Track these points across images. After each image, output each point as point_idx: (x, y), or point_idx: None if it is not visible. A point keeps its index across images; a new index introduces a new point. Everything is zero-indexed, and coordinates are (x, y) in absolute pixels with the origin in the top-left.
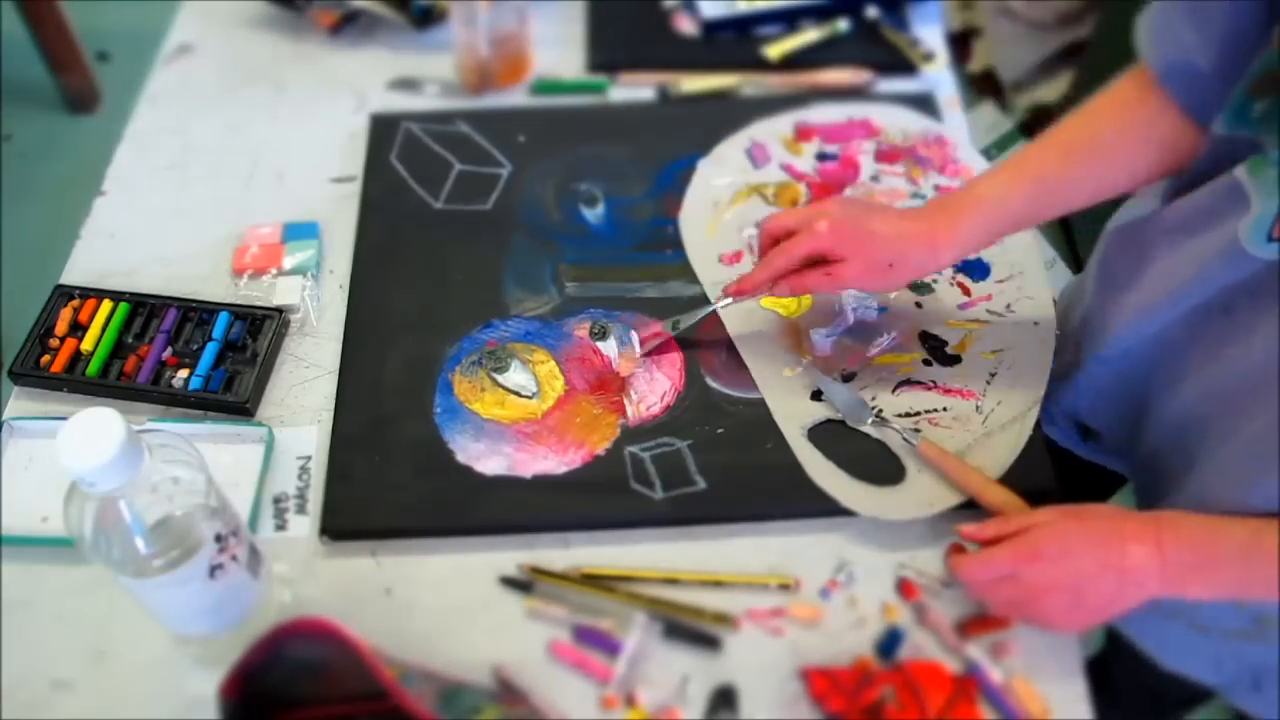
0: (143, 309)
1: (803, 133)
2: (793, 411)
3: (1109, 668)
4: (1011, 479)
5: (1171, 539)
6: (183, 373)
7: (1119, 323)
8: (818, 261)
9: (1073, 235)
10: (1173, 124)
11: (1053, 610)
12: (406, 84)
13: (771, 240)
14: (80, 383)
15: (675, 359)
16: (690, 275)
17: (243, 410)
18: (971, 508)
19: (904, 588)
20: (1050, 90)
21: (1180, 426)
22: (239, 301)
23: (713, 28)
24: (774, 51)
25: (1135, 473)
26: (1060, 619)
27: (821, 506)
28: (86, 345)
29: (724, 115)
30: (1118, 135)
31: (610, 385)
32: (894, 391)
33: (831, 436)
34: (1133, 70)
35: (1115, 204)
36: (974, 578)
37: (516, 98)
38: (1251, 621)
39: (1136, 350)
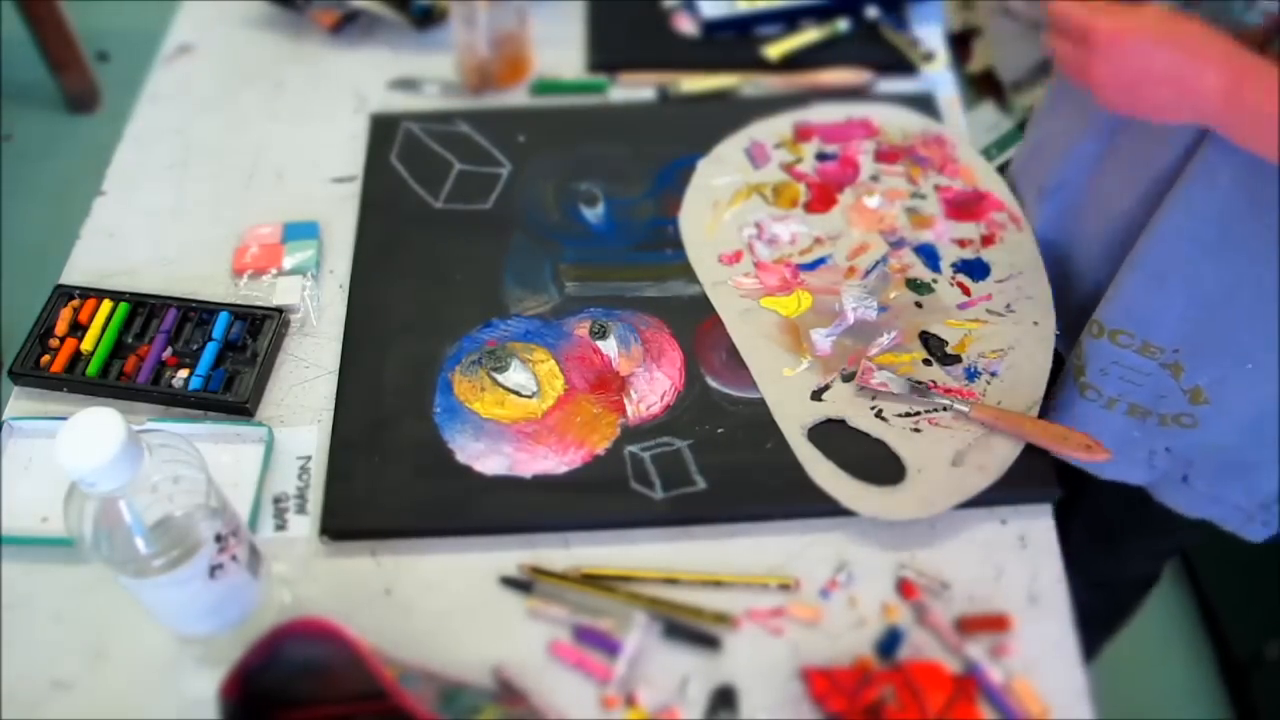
0: (143, 309)
1: (802, 133)
2: (793, 411)
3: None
4: (1011, 479)
5: (1254, 83)
6: (183, 373)
7: (1058, 155)
8: None
9: None
10: None
11: (1106, 88)
12: (406, 84)
13: None
14: (80, 383)
15: (675, 359)
16: (690, 275)
17: (243, 410)
18: (971, 507)
19: (904, 588)
20: None
21: (1114, 242)
22: (239, 301)
23: (713, 28)
24: (774, 51)
25: (1063, 331)
26: (1108, 96)
27: (821, 506)
28: (86, 345)
29: (724, 115)
30: None
31: (610, 385)
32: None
33: (831, 436)
34: None
35: None
36: (1056, 10)
37: (516, 98)
38: (1189, 402)
39: (1072, 181)
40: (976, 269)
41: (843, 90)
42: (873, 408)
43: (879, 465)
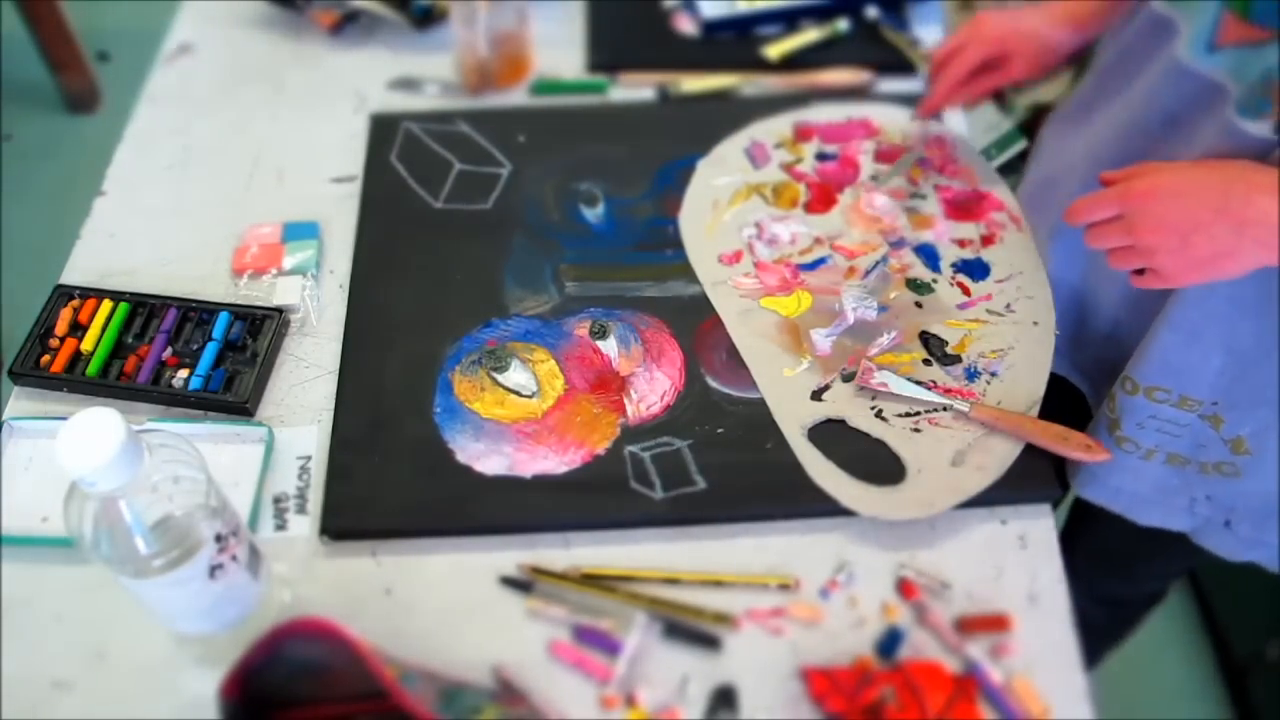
0: (143, 309)
1: (802, 133)
2: (793, 411)
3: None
4: (1011, 479)
5: None
6: (183, 373)
7: (1068, 195)
8: (986, 68)
9: None
10: None
11: (1160, 251)
12: (406, 84)
13: (942, 62)
14: (80, 383)
15: (675, 359)
16: (690, 275)
17: (243, 410)
18: (971, 507)
19: (904, 588)
20: (1050, 90)
21: (1130, 294)
22: (239, 301)
23: (713, 28)
24: (774, 51)
25: (1081, 371)
26: (1170, 262)
27: (821, 506)
28: (86, 345)
29: (724, 115)
30: None
31: (610, 385)
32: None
33: (831, 436)
34: None
35: None
36: (1081, 218)
37: (516, 98)
38: (1230, 452)
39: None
40: (976, 269)
41: (843, 90)
42: (873, 408)
43: (879, 465)
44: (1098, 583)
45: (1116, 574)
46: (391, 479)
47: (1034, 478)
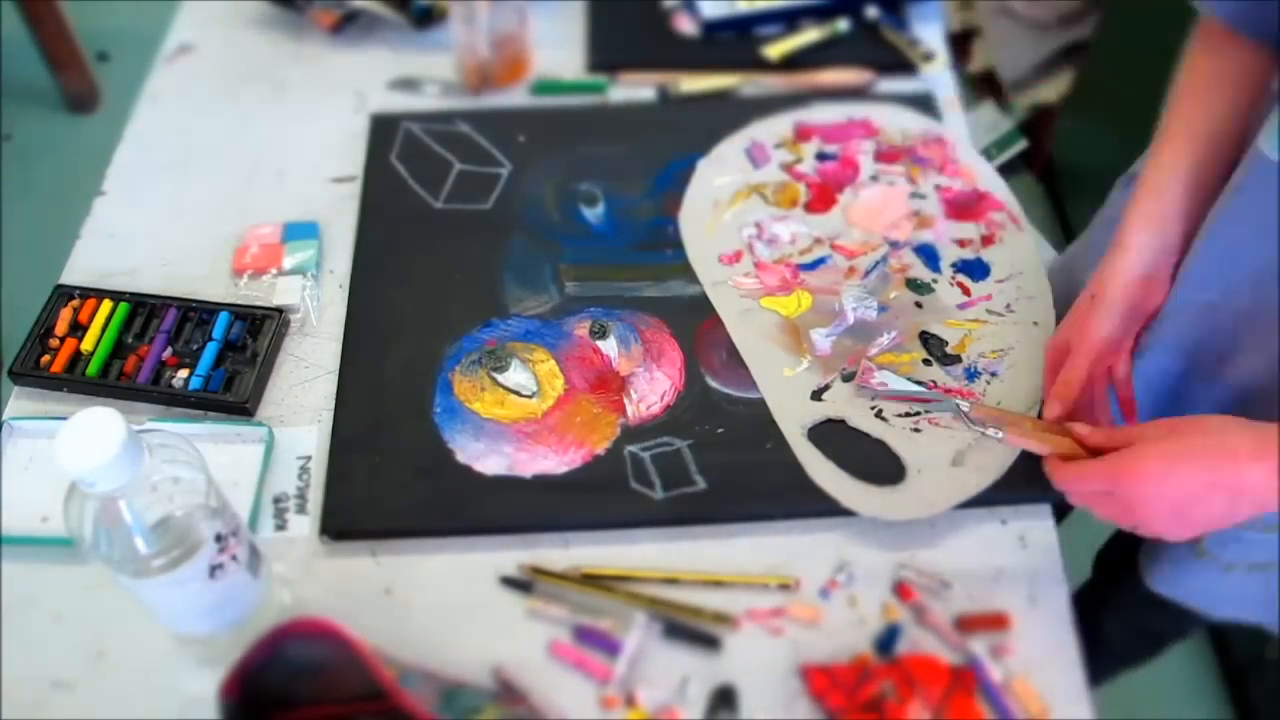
0: (143, 309)
1: (802, 133)
2: (793, 411)
3: (1098, 618)
4: (1011, 479)
5: None
6: (183, 373)
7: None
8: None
9: (1069, 227)
10: (1255, 59)
11: (1155, 523)
12: (406, 84)
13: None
14: (80, 383)
15: (675, 359)
16: (690, 275)
17: (243, 410)
18: (971, 507)
19: (901, 590)
20: (1050, 90)
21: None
22: (239, 301)
23: (713, 28)
24: (774, 51)
25: None
26: (1165, 531)
27: (821, 506)
28: (86, 345)
29: (724, 115)
30: (1226, 104)
31: (610, 385)
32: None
33: (831, 436)
34: (1198, 40)
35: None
36: (1071, 489)
37: (516, 98)
38: None
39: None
40: (976, 269)
41: (843, 90)
42: (873, 408)
43: (879, 465)
44: (1141, 616)
45: (1165, 609)
46: (391, 479)
47: (1034, 478)
